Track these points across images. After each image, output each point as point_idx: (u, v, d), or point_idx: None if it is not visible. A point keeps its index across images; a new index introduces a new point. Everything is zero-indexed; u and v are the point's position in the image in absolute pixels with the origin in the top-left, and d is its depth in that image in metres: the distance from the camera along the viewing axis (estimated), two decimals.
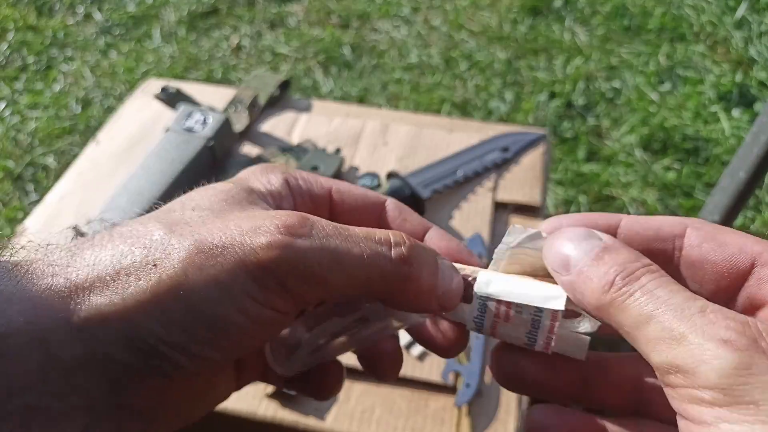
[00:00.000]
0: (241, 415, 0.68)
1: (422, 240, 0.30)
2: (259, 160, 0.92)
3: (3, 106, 1.89)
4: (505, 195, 0.90)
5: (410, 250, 0.25)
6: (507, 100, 1.78)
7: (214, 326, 0.22)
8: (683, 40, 1.97)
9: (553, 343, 0.25)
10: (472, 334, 0.72)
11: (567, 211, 1.48)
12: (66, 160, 1.66)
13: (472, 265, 0.28)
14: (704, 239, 0.24)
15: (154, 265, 0.21)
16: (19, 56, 2.09)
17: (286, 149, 0.94)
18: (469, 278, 0.27)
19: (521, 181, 0.91)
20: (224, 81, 1.92)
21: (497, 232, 0.86)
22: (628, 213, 1.46)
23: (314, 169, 0.86)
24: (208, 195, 0.25)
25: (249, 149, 0.98)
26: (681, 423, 0.20)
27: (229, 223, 0.23)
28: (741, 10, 2.02)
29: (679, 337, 0.19)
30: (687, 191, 1.52)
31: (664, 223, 0.25)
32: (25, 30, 2.19)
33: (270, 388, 0.69)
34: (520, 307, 0.25)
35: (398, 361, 0.30)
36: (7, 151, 1.73)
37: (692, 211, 1.47)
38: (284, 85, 1.08)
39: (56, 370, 0.20)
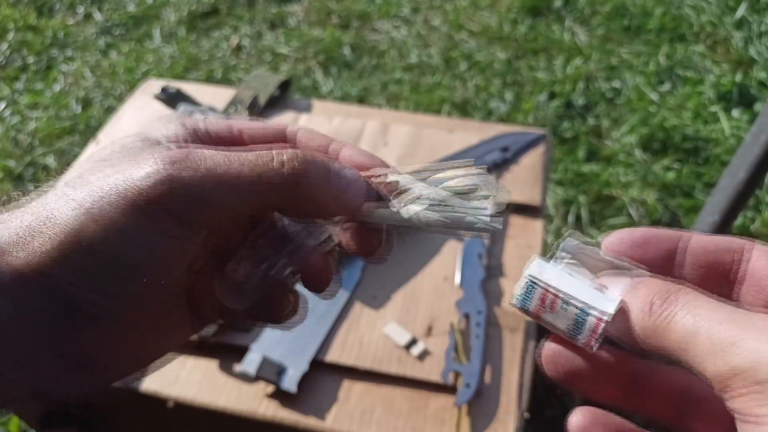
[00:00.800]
0: (241, 415, 0.68)
1: (337, 158, 0.31)
2: None
3: (3, 106, 1.89)
4: (505, 195, 0.90)
5: (303, 163, 0.26)
6: (507, 100, 1.78)
7: (117, 264, 0.23)
8: (683, 40, 1.97)
9: (594, 343, 0.25)
10: (472, 334, 0.73)
11: (567, 212, 1.48)
12: (66, 160, 1.66)
13: (386, 173, 0.29)
14: (765, 254, 0.24)
15: (53, 219, 0.23)
16: (20, 56, 2.09)
17: None
18: (387, 186, 0.28)
19: (521, 181, 0.92)
20: (224, 81, 1.92)
21: (497, 232, 0.86)
22: (628, 213, 1.46)
23: None
24: (108, 149, 0.27)
25: None
26: (744, 428, 0.20)
27: (118, 167, 0.24)
28: (741, 10, 2.02)
29: (731, 344, 0.19)
30: (687, 191, 1.52)
31: (733, 240, 0.25)
32: (26, 30, 2.19)
33: (270, 388, 0.69)
34: (567, 302, 0.25)
35: (326, 271, 0.31)
36: (7, 151, 1.74)
37: (692, 211, 1.47)
38: (284, 86, 1.08)
39: None
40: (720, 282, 0.25)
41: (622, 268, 0.25)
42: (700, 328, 0.20)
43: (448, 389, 0.70)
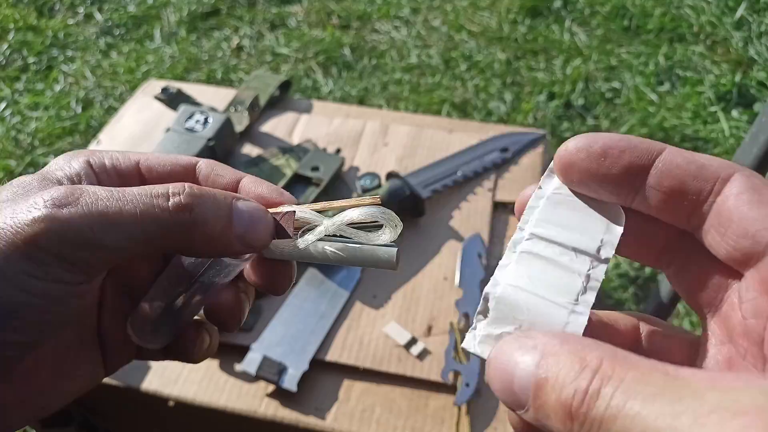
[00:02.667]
0: (241, 414, 0.68)
1: (236, 191, 0.30)
2: (259, 160, 0.92)
3: (3, 106, 1.89)
4: (505, 195, 0.90)
5: (189, 197, 0.25)
6: (506, 100, 1.79)
7: (5, 310, 0.23)
8: (683, 40, 1.98)
9: None
10: None
11: None
12: None
13: (286, 204, 0.29)
14: (747, 189, 0.20)
15: None
16: (20, 56, 2.09)
17: (287, 149, 0.94)
18: (295, 223, 0.28)
19: (521, 182, 0.92)
20: (225, 82, 1.92)
21: (496, 232, 0.86)
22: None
23: (315, 169, 0.86)
24: (6, 189, 0.26)
25: (250, 149, 0.98)
26: None
27: (5, 211, 0.23)
28: (741, 10, 2.02)
29: None
30: None
31: (712, 162, 0.21)
32: (26, 30, 2.19)
33: (270, 388, 0.70)
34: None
35: (237, 310, 0.30)
36: (7, 151, 1.74)
37: None
38: (285, 86, 1.08)
39: None
40: (689, 214, 0.22)
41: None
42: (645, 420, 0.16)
43: (447, 389, 0.70)
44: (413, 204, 0.84)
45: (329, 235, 0.27)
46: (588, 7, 2.12)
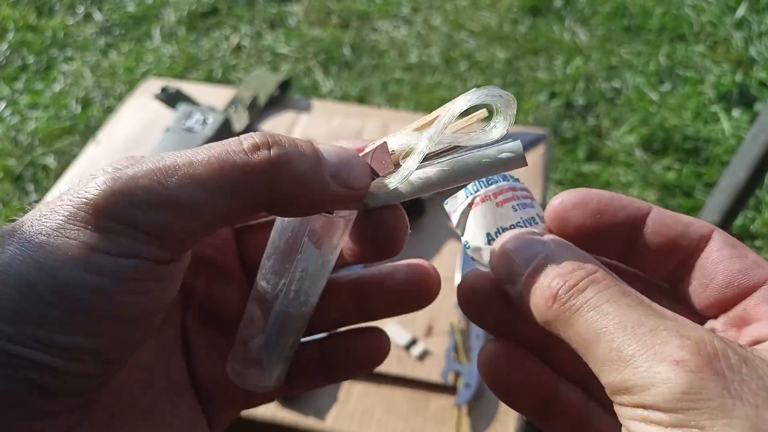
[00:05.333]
0: (241, 415, 0.68)
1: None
2: None
3: (3, 106, 1.89)
4: None
5: (263, 136, 0.21)
6: None
7: (67, 300, 0.18)
8: (683, 40, 1.97)
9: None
10: (472, 334, 0.73)
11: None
12: (66, 160, 1.66)
13: (382, 143, 0.24)
14: (727, 245, 0.23)
15: None
16: (19, 56, 2.09)
17: None
18: (390, 158, 0.23)
19: (521, 181, 0.91)
20: (224, 81, 1.92)
21: None
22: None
23: None
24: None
25: None
26: None
27: (62, 196, 0.20)
28: (741, 10, 2.02)
29: (629, 358, 0.18)
30: (687, 191, 1.52)
31: (695, 223, 0.24)
32: (25, 30, 2.19)
33: None
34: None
35: (385, 342, 0.26)
36: (7, 151, 1.73)
37: (692, 211, 1.47)
38: (284, 85, 1.08)
39: None
40: (675, 267, 0.24)
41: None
42: (603, 332, 0.19)
43: (448, 389, 0.69)
44: (414, 204, 0.84)
45: (434, 154, 0.22)
46: (589, 7, 2.12)
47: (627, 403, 0.19)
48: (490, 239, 0.25)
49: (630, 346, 0.19)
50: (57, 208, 0.19)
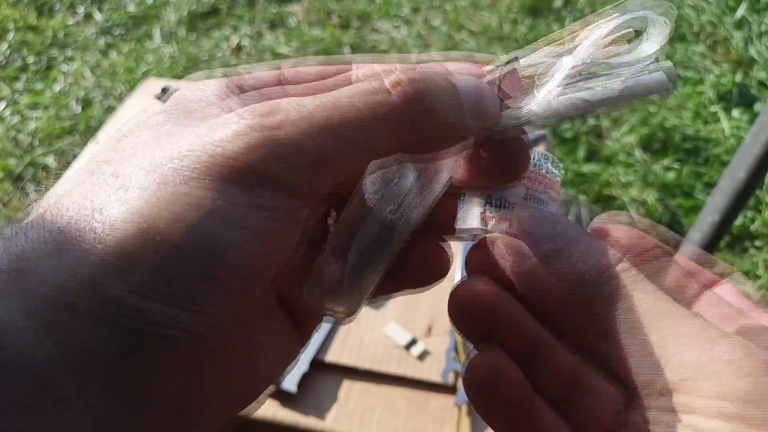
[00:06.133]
0: (241, 415, 0.68)
1: None
2: None
3: (3, 106, 1.89)
4: None
5: (413, 83, 0.20)
6: None
7: (202, 254, 0.17)
8: (683, 40, 1.97)
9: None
10: None
11: (567, 212, 1.48)
12: (66, 160, 1.66)
13: (512, 65, 0.23)
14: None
15: (101, 209, 0.17)
16: (20, 56, 2.09)
17: None
18: (523, 81, 0.22)
19: None
20: None
21: None
22: (628, 213, 1.46)
23: None
24: (143, 120, 0.20)
25: None
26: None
27: (180, 133, 0.18)
28: (741, 10, 2.02)
29: (674, 354, 0.18)
30: (687, 191, 1.52)
31: (700, 272, 0.23)
32: (26, 30, 2.19)
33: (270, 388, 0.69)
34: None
35: (446, 257, 0.25)
36: (7, 151, 1.74)
37: (692, 211, 1.47)
38: None
39: (30, 381, 0.15)
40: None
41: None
42: (636, 324, 0.19)
43: (448, 389, 0.69)
44: None
45: (572, 80, 0.20)
46: (588, 7, 2.12)
47: (666, 403, 0.18)
48: (488, 202, 0.23)
49: (674, 341, 0.18)
50: (191, 156, 0.17)
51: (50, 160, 1.70)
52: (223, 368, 0.20)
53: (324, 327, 0.74)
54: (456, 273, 0.80)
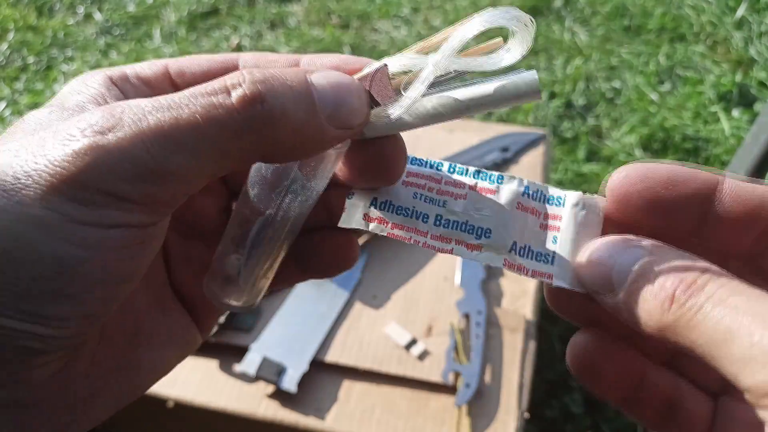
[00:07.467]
0: (241, 415, 0.68)
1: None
2: None
3: (3, 106, 1.89)
4: None
5: (253, 84, 0.19)
6: None
7: (51, 272, 0.17)
8: (683, 40, 1.97)
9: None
10: (472, 334, 0.73)
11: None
12: None
13: (383, 65, 0.22)
14: None
15: None
16: (20, 56, 2.09)
17: None
18: (391, 82, 0.21)
19: None
20: None
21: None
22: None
23: None
24: (18, 128, 0.20)
25: None
26: None
27: (32, 147, 0.18)
28: (741, 10, 2.02)
29: None
30: None
31: None
32: (26, 30, 2.19)
33: (270, 389, 0.69)
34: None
35: (351, 249, 0.25)
36: None
37: None
38: None
39: None
40: (759, 237, 0.22)
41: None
42: (738, 328, 0.17)
43: (448, 389, 0.69)
44: None
45: (439, 80, 0.20)
46: (588, 7, 2.12)
47: None
48: (373, 203, 0.23)
49: None
50: (35, 175, 0.17)
51: None
52: (102, 367, 0.20)
53: (324, 327, 0.74)
54: (456, 273, 0.80)
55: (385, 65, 0.21)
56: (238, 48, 2.05)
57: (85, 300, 0.18)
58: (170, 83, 0.23)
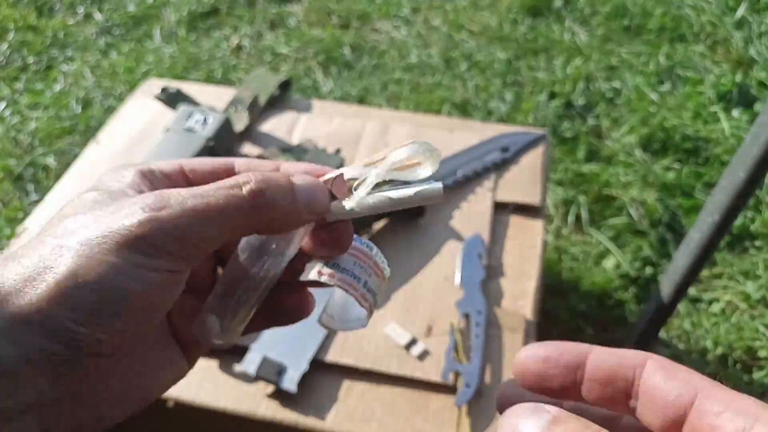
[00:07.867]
0: (241, 415, 0.68)
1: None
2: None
3: (3, 106, 1.89)
4: (505, 195, 0.90)
5: (258, 183, 0.28)
6: (507, 100, 1.78)
7: (113, 298, 0.25)
8: (683, 40, 1.97)
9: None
10: (472, 334, 0.73)
11: (567, 212, 1.48)
12: (66, 160, 1.66)
13: (340, 173, 0.32)
14: (658, 369, 0.25)
15: (50, 268, 0.25)
16: (20, 56, 2.09)
17: (286, 149, 0.94)
18: (347, 184, 0.31)
19: (521, 182, 0.92)
20: (224, 81, 1.92)
21: (497, 232, 0.86)
22: (629, 213, 1.46)
23: None
24: (77, 204, 0.29)
25: (249, 149, 0.98)
26: None
27: (103, 218, 0.27)
28: (741, 10, 2.02)
29: None
30: (687, 191, 1.52)
31: (628, 354, 0.26)
32: (26, 30, 2.19)
33: (270, 388, 0.69)
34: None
35: (304, 302, 0.34)
36: (7, 151, 1.74)
37: (692, 211, 1.47)
38: (284, 86, 1.08)
39: None
40: (626, 399, 0.26)
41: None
42: None
43: (448, 389, 0.70)
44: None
45: (379, 185, 0.30)
46: (588, 7, 2.12)
47: None
48: (325, 264, 0.32)
49: None
50: (111, 236, 0.26)
51: (50, 161, 1.69)
52: (122, 378, 0.28)
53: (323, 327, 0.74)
54: (456, 273, 0.80)
55: (342, 173, 0.31)
56: (238, 48, 2.05)
57: (132, 320, 0.26)
58: (184, 177, 0.33)
